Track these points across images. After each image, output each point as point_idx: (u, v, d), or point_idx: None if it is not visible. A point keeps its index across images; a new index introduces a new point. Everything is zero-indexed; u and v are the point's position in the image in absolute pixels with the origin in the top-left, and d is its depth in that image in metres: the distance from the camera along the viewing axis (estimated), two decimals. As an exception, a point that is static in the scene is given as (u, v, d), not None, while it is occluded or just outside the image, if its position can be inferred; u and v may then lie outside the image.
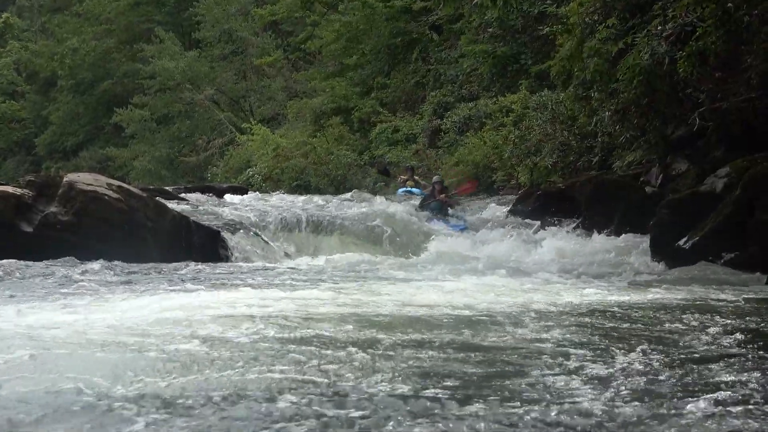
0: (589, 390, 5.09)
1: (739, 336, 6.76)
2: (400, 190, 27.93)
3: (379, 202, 22.10)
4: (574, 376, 5.43)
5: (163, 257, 14.69)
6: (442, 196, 21.25)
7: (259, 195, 26.14)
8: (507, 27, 31.20)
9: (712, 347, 6.37)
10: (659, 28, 14.91)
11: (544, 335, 6.85)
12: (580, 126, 20.47)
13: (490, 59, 32.02)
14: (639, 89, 15.36)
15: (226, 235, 16.64)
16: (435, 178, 22.77)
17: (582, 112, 19.41)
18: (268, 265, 15.27)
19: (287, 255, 17.24)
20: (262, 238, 17.34)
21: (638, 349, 6.28)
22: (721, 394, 4.94)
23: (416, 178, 28.49)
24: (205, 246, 16.05)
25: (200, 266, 13.59)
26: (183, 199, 20.45)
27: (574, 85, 18.58)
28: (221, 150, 49.43)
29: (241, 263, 15.42)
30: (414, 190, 27.16)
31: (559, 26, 20.84)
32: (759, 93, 13.87)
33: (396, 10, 40.23)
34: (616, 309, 8.55)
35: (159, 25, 57.40)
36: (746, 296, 9.63)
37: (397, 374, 5.42)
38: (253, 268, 14.02)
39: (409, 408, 4.65)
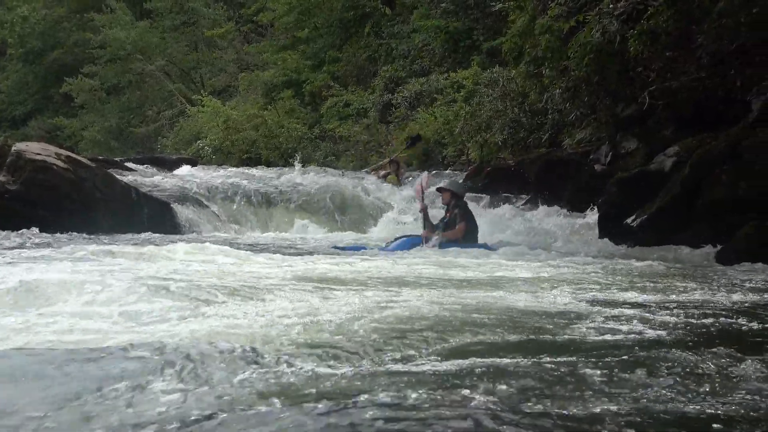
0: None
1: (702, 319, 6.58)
2: None
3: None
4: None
5: (114, 228, 14.69)
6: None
7: (209, 167, 26.09)
8: (459, 2, 31.17)
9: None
10: (611, 6, 14.96)
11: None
12: (530, 103, 20.54)
13: (442, 34, 32.10)
14: (590, 67, 15.42)
15: (176, 206, 16.64)
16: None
17: (533, 89, 19.48)
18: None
19: (236, 227, 17.29)
20: (212, 211, 17.34)
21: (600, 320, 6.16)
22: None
23: (401, 172, 24.19)
24: (155, 217, 16.06)
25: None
26: (132, 170, 20.39)
27: (525, 62, 18.61)
28: (171, 121, 49.19)
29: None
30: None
31: (512, 2, 20.85)
32: (709, 72, 13.99)
33: (348, -17, 40.13)
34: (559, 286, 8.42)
35: (110, -6, 56.83)
36: (697, 275, 9.56)
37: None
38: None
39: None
